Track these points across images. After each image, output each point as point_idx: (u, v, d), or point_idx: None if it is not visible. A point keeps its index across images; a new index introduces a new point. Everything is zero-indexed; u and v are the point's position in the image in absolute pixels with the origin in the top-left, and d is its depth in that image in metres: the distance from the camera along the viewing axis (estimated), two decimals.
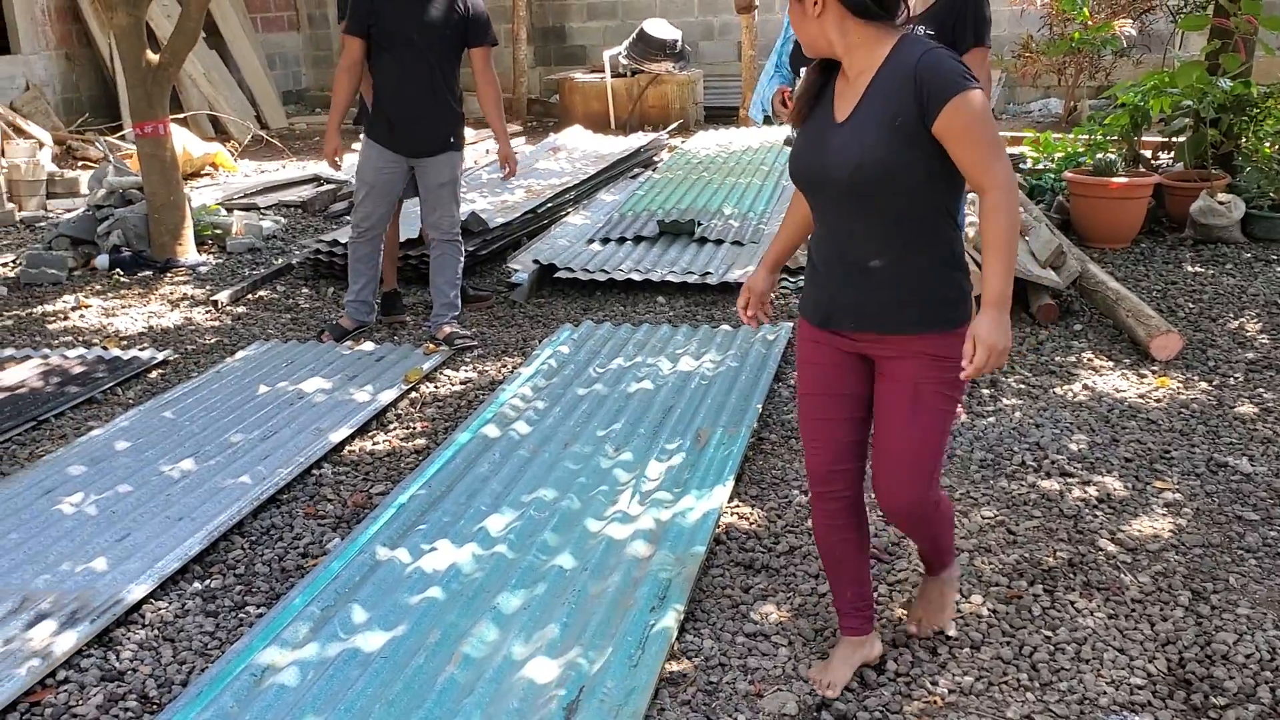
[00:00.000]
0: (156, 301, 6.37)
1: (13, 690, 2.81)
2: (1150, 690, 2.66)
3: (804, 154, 2.46)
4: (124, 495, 3.85)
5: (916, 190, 2.33)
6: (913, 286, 2.39)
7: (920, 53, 2.28)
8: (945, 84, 2.22)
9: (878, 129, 2.29)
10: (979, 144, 2.24)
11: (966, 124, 2.23)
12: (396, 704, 2.65)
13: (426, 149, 5.13)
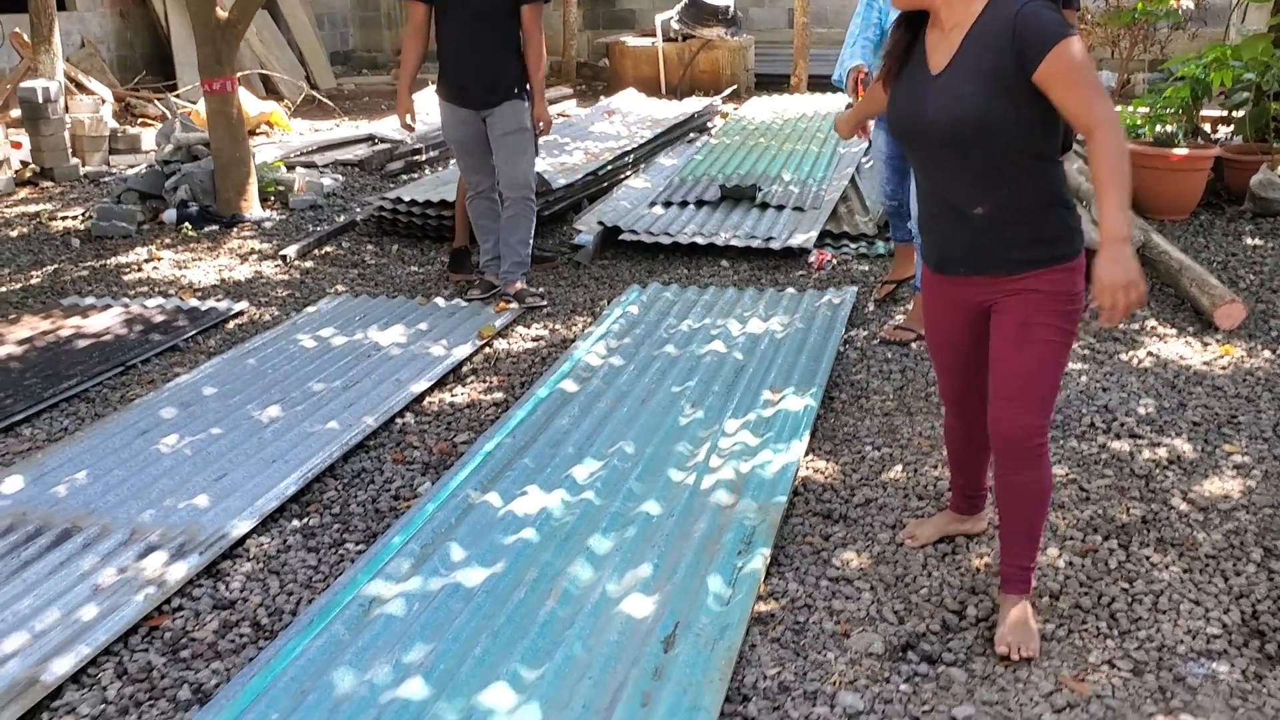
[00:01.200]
0: (225, 255, 6.52)
1: (132, 615, 2.96)
2: (1226, 640, 2.76)
3: (901, 107, 2.56)
4: (217, 437, 3.99)
5: (1015, 137, 2.41)
6: (1017, 229, 2.49)
7: (1019, 5, 2.34)
8: (1045, 33, 2.30)
9: (976, 80, 2.39)
10: (1081, 87, 2.31)
11: (1068, 69, 2.30)
12: (501, 635, 2.79)
13: (490, 100, 5.21)
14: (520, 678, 2.63)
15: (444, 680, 2.62)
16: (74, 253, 6.67)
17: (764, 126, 8.73)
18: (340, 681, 2.62)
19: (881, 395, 4.25)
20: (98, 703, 2.66)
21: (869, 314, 5.15)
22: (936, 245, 2.66)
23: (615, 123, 8.91)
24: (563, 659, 2.68)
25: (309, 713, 2.52)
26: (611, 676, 2.63)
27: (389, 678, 2.64)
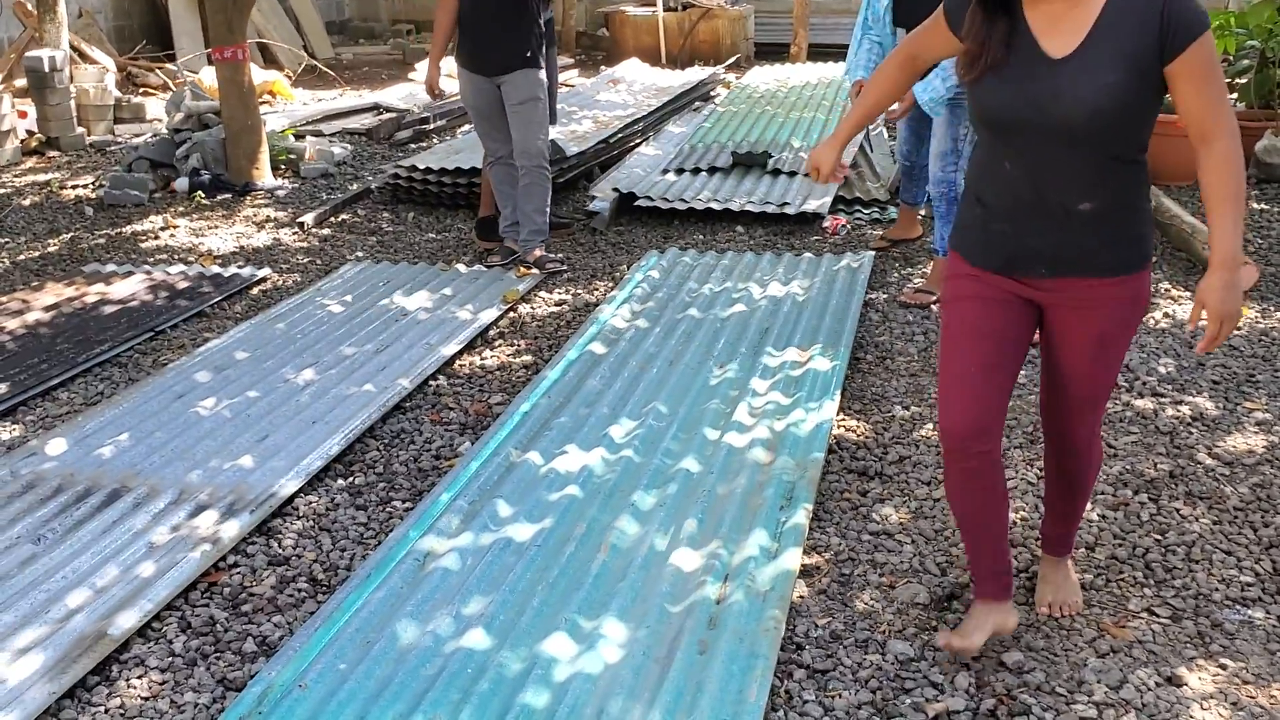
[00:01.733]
0: (241, 223, 6.54)
1: (191, 571, 3.02)
2: (1260, 588, 2.85)
3: (1012, 97, 2.25)
4: (254, 400, 4.05)
5: (1140, 129, 2.25)
6: (1115, 228, 2.29)
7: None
8: (1193, 20, 2.11)
9: (1119, 66, 2.16)
10: (1214, 86, 2.15)
11: (1207, 65, 2.13)
12: (557, 587, 2.86)
13: (504, 66, 5.25)
14: (579, 627, 2.70)
15: (505, 630, 2.70)
16: (88, 221, 6.69)
17: (769, 95, 8.76)
18: (404, 632, 2.70)
19: (906, 356, 4.32)
20: (165, 655, 2.73)
21: (888, 279, 5.22)
22: (1011, 242, 2.35)
23: (621, 92, 8.93)
24: (619, 609, 2.75)
25: (375, 662, 2.59)
26: (667, 626, 2.71)
27: (451, 628, 2.71)
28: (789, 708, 2.47)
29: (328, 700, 2.47)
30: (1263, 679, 2.52)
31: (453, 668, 2.56)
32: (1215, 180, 2.19)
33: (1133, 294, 2.35)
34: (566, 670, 2.54)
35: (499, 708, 2.43)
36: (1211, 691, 2.49)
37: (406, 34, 14.60)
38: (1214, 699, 2.46)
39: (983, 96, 2.31)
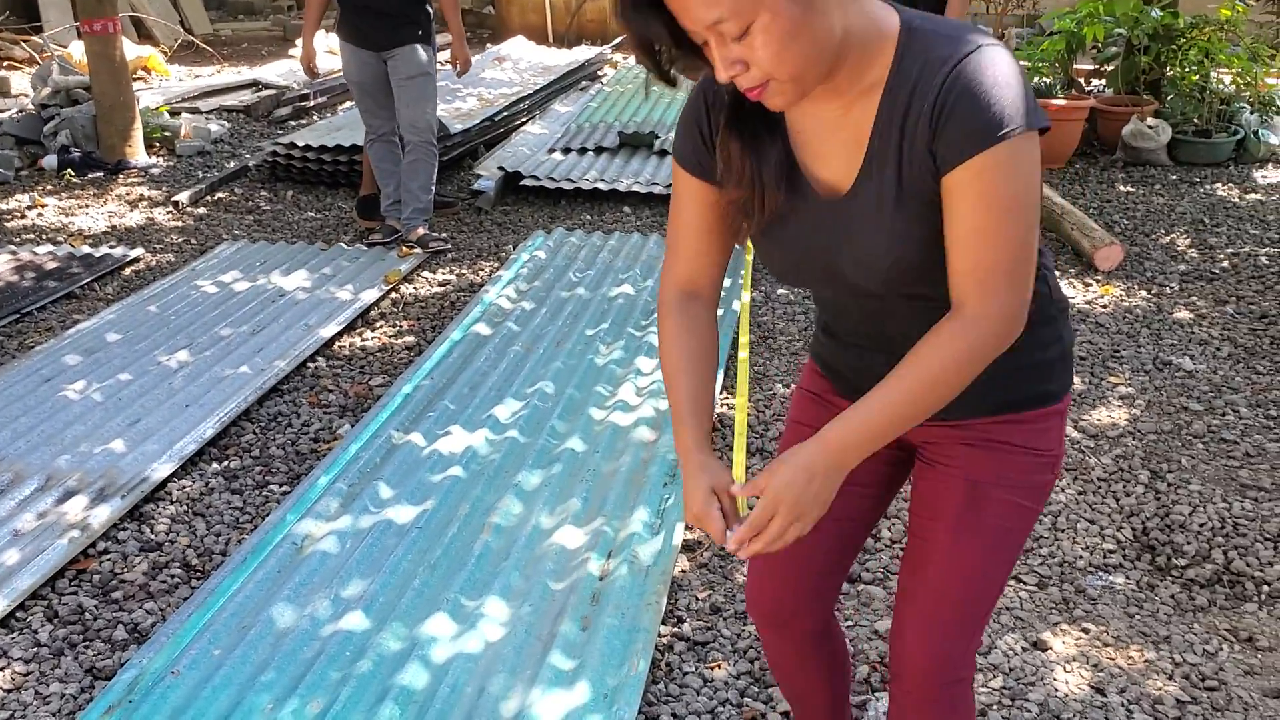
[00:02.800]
0: (114, 202, 6.34)
1: (58, 559, 2.93)
2: (1120, 554, 2.97)
3: (798, 256, 1.52)
4: (126, 383, 3.93)
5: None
6: (997, 365, 1.44)
7: (956, 56, 1.32)
8: (984, 122, 1.30)
9: (910, 198, 1.39)
10: (1000, 224, 1.33)
11: (993, 189, 1.32)
12: (439, 568, 2.84)
13: (393, 41, 5.16)
14: (461, 607, 2.69)
15: (385, 612, 2.68)
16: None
17: None
18: (280, 616, 2.65)
19: (787, 336, 4.39)
20: (30, 645, 2.65)
21: None
22: (859, 368, 1.62)
23: (506, 70, 8.86)
24: (501, 588, 2.75)
25: (252, 647, 2.55)
26: (551, 604, 2.72)
27: (329, 611, 2.68)
28: (669, 680, 2.50)
29: (202, 686, 2.43)
30: (1121, 641, 2.62)
31: (331, 650, 2.53)
32: (929, 350, 1.37)
33: (1023, 440, 1.56)
34: (448, 650, 2.53)
35: (378, 689, 2.41)
36: (1074, 655, 2.58)
37: (287, 9, 14.30)
38: (1076, 661, 2.56)
39: (765, 252, 1.55)
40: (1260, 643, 2.62)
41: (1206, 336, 4.29)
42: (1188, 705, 2.42)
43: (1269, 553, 2.94)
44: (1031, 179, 1.33)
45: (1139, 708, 2.41)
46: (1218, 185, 6.32)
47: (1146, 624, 2.69)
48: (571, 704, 2.36)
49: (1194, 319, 4.47)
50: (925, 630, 1.64)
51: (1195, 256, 5.21)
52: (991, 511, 1.57)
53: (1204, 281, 4.89)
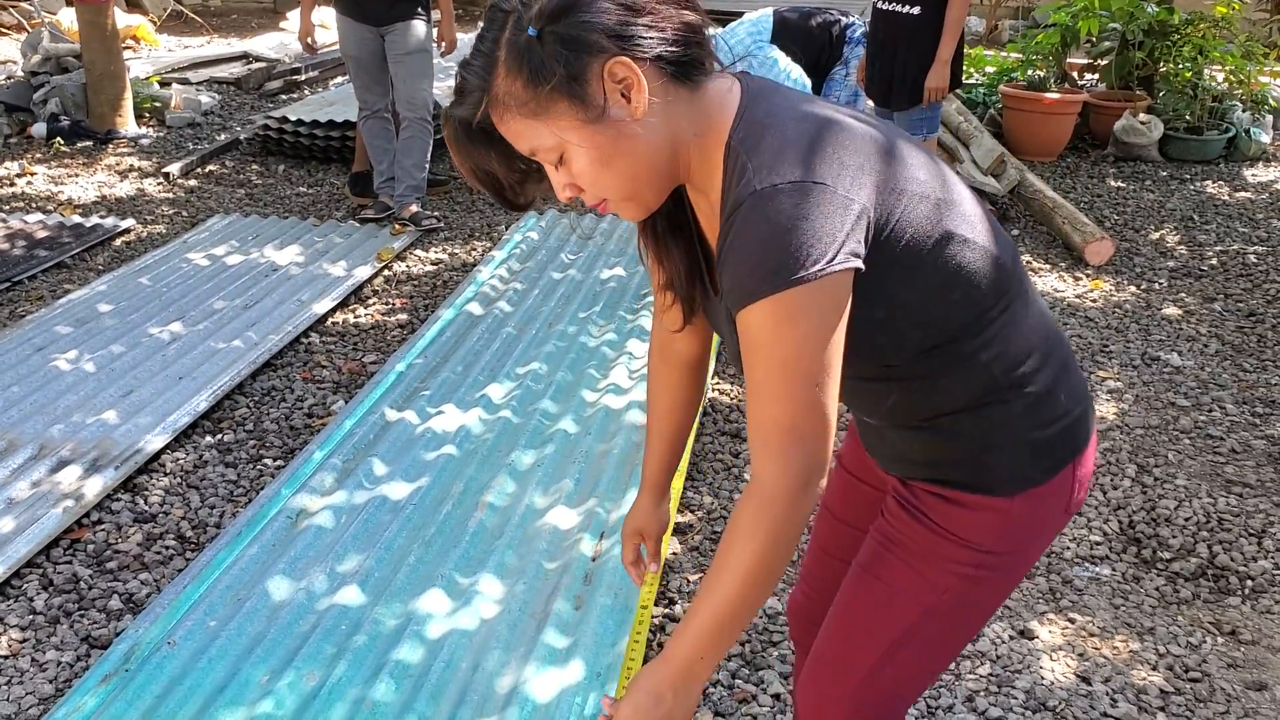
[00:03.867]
0: (104, 172, 6.31)
1: (52, 528, 2.94)
2: (1107, 546, 3.00)
3: (720, 338, 1.54)
4: (119, 355, 3.93)
5: (857, 359, 1.35)
6: (926, 444, 1.46)
7: (750, 189, 1.23)
8: (744, 279, 1.23)
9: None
10: (766, 381, 1.26)
11: (756, 346, 1.26)
12: (433, 544, 2.86)
13: (392, 15, 5.14)
14: (456, 584, 2.71)
15: (380, 587, 2.69)
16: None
17: None
18: (276, 589, 2.67)
19: None
20: (26, 613, 2.65)
21: None
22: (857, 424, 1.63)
23: None
24: (496, 566, 2.77)
25: (247, 619, 2.56)
26: (544, 582, 2.74)
27: (325, 585, 2.69)
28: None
29: (198, 657, 2.44)
30: (1107, 631, 2.66)
31: (327, 624, 2.54)
32: (738, 544, 1.29)
33: (944, 519, 1.46)
34: (443, 626, 2.55)
35: (374, 663, 2.43)
36: (1060, 644, 2.62)
37: None
38: (1062, 650, 2.60)
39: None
40: (1244, 636, 2.67)
41: (1194, 333, 4.33)
42: (1171, 696, 2.46)
43: (1253, 548, 2.98)
44: (810, 331, 1.23)
45: (1123, 697, 2.45)
46: (1208, 182, 6.37)
47: (1132, 615, 2.73)
48: (565, 682, 2.38)
49: (1182, 315, 4.51)
50: (808, 665, 1.60)
51: (1184, 253, 5.25)
52: (887, 572, 1.50)
53: (1193, 278, 4.93)
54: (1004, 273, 1.38)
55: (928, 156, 1.38)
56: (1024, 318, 1.41)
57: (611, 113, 1.25)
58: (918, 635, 1.50)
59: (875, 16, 4.90)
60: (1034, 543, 1.49)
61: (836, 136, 1.27)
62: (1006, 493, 1.43)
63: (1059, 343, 1.47)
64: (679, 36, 1.26)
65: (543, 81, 1.23)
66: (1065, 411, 1.45)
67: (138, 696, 2.32)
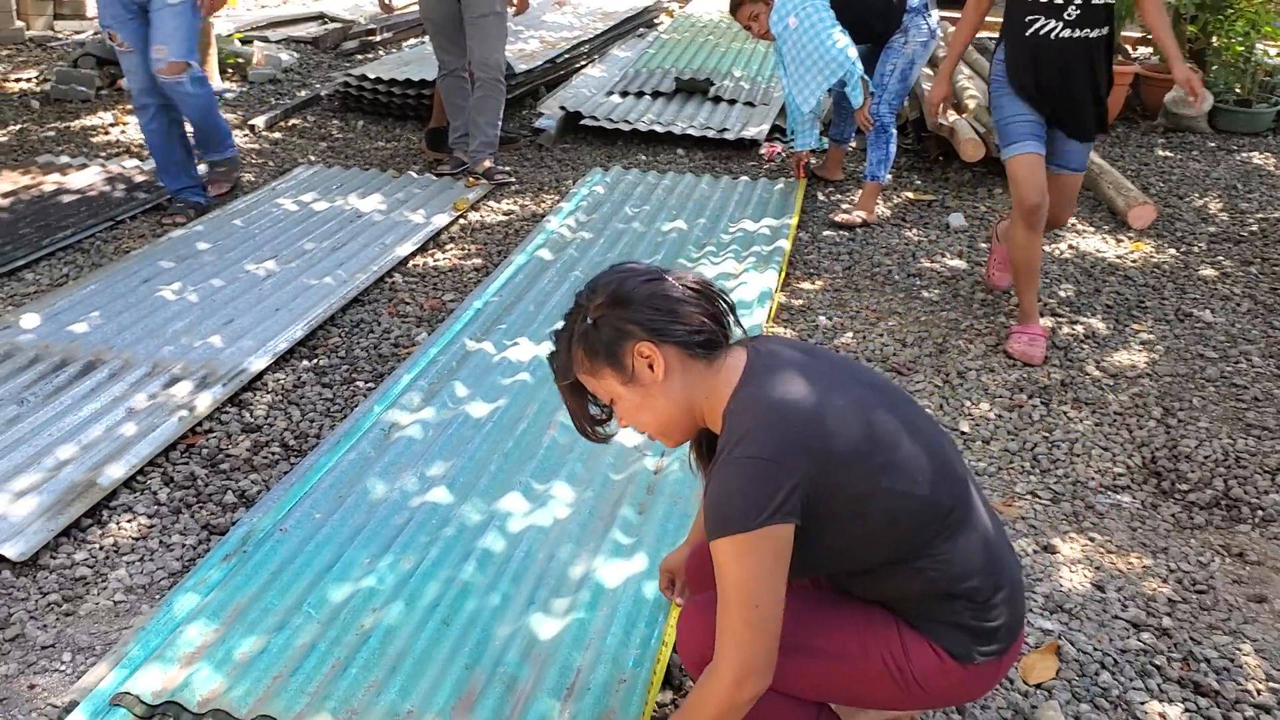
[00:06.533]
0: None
1: (170, 433, 3.28)
2: (1129, 478, 3.25)
3: None
4: (219, 288, 4.27)
5: (810, 567, 1.81)
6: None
7: (729, 449, 1.70)
8: (711, 520, 1.69)
9: None
10: (726, 602, 1.69)
11: (719, 570, 1.70)
12: (511, 456, 3.17)
13: None
14: (532, 488, 3.02)
15: (465, 490, 3.00)
16: (35, 114, 6.75)
17: (711, 25, 8.99)
18: (373, 489, 2.99)
19: (831, 273, 4.66)
20: (151, 504, 3.00)
21: (817, 202, 5.54)
22: None
23: (567, 14, 9.09)
24: (567, 475, 3.07)
25: (349, 512, 2.89)
26: (611, 490, 3.04)
27: (416, 486, 3.01)
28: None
29: (306, 542, 2.76)
30: (1123, 549, 2.92)
31: (419, 518, 2.86)
32: (694, 694, 1.76)
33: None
34: (521, 523, 2.86)
35: (462, 550, 2.74)
36: (1079, 558, 2.88)
37: None
38: (1080, 563, 2.86)
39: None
40: (1250, 557, 2.91)
41: (1229, 293, 4.53)
42: (1178, 604, 2.72)
43: (1266, 483, 3.22)
44: (751, 566, 1.65)
45: (1134, 603, 2.71)
46: (1254, 153, 6.51)
47: (1147, 537, 2.99)
48: (630, 571, 2.68)
49: (1218, 276, 4.71)
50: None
51: (1225, 220, 5.43)
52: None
53: (1231, 243, 5.11)
54: (943, 509, 1.78)
55: (893, 415, 1.79)
56: (967, 540, 1.81)
57: (640, 378, 1.79)
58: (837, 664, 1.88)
59: (1053, 47, 3.76)
60: (951, 696, 1.91)
61: (793, 420, 1.69)
62: (952, 654, 1.83)
63: (1002, 553, 1.87)
64: (696, 328, 1.78)
65: (594, 354, 1.80)
66: (1000, 615, 1.84)
67: (255, 572, 2.65)
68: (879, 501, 1.74)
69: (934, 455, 1.81)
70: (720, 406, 1.78)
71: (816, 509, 1.70)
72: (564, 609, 2.56)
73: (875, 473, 1.73)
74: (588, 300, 1.82)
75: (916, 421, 1.84)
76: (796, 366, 1.79)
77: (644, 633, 2.48)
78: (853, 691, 1.91)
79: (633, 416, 1.86)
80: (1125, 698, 2.41)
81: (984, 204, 5.57)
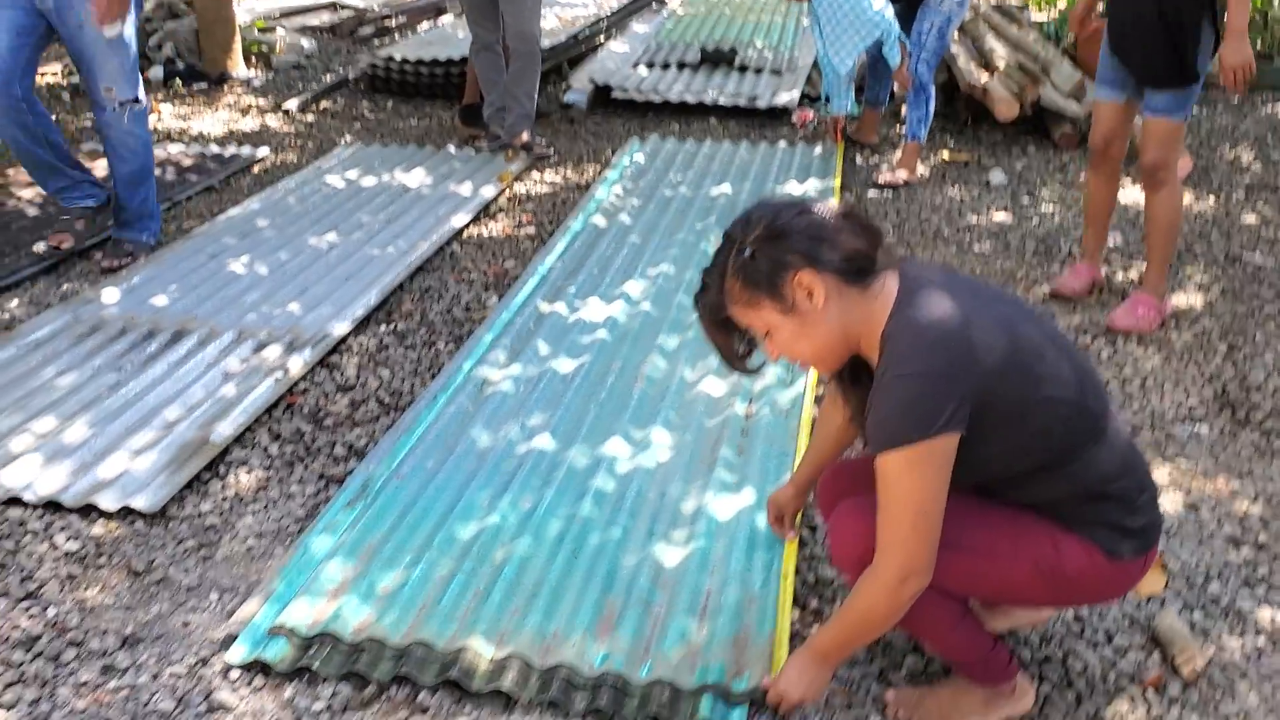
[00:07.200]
0: (225, 110, 6.72)
1: (271, 392, 3.36)
2: (1204, 409, 3.35)
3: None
4: (286, 261, 4.34)
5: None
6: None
7: (884, 377, 1.81)
8: (877, 429, 1.81)
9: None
10: (888, 504, 1.82)
11: (883, 483, 1.82)
12: (606, 407, 3.26)
13: None
14: (631, 435, 3.10)
15: (568, 437, 3.09)
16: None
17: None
18: (479, 438, 3.07)
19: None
20: (264, 458, 3.07)
21: (857, 164, 5.63)
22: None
23: None
24: (663, 422, 3.16)
25: (460, 459, 2.97)
26: (707, 435, 3.13)
27: (520, 435, 3.10)
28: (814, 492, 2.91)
29: (425, 486, 2.85)
30: (1209, 475, 3.02)
31: (530, 463, 2.95)
32: (856, 594, 1.91)
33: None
34: (628, 465, 2.95)
35: (576, 490, 2.83)
36: (1168, 483, 2.97)
37: None
38: (1171, 488, 2.95)
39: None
40: None
41: (1274, 237, 4.63)
42: (1270, 521, 2.81)
43: None
44: (919, 475, 1.78)
45: (1228, 521, 2.80)
46: (1279, 107, 6.61)
47: (1231, 463, 3.08)
48: (740, 505, 2.77)
49: (1260, 222, 4.81)
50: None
51: (1259, 170, 5.53)
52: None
53: (1268, 191, 5.21)
54: (1091, 414, 1.89)
55: (1036, 328, 1.89)
56: (1112, 442, 1.91)
57: (800, 307, 1.84)
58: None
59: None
60: (1098, 593, 2.05)
61: (954, 336, 1.78)
62: (1084, 538, 1.93)
63: (1138, 459, 1.98)
64: (850, 254, 1.84)
65: (754, 286, 1.85)
66: (1145, 514, 1.96)
67: (382, 514, 2.73)
68: (1036, 408, 1.83)
69: (1075, 364, 1.91)
70: (877, 330, 1.85)
71: (980, 418, 1.79)
72: (684, 539, 2.65)
73: (1033, 382, 1.83)
74: (743, 234, 1.87)
75: (1053, 333, 1.93)
76: (945, 287, 1.88)
77: (765, 558, 2.57)
78: (1002, 587, 2.00)
79: (788, 347, 1.91)
80: (1236, 605, 2.50)
81: (1019, 162, 5.66)
